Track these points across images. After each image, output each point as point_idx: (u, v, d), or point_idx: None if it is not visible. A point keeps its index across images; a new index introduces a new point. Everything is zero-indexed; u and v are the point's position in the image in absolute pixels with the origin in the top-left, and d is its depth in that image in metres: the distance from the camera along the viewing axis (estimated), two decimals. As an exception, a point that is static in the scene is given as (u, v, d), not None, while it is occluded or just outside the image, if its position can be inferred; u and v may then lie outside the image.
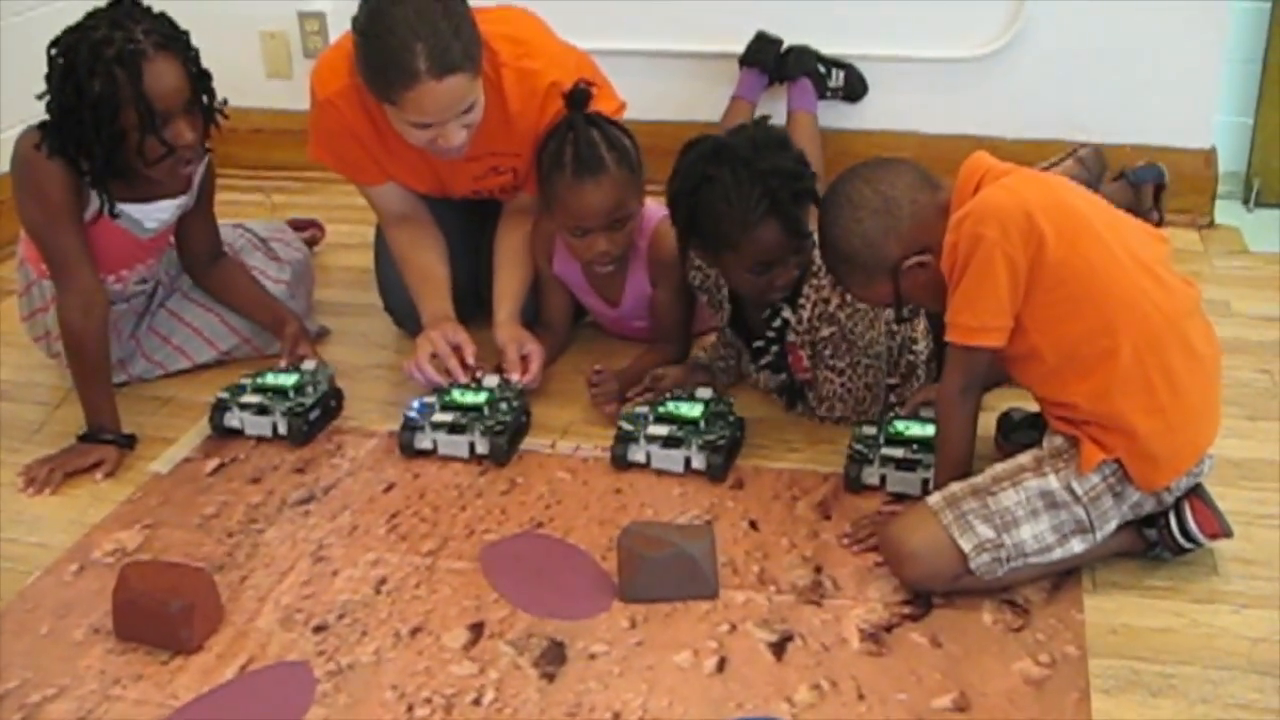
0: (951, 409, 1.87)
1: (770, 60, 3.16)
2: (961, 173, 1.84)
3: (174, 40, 2.17)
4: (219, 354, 2.55)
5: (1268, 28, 3.29)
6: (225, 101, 2.28)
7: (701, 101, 3.20)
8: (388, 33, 2.10)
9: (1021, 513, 1.78)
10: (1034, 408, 2.10)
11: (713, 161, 2.10)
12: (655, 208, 2.45)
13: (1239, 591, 1.83)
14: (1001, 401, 2.15)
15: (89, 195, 2.25)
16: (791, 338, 2.24)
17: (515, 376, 2.31)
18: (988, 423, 2.08)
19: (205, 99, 2.23)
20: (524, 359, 2.34)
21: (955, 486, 1.82)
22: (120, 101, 2.12)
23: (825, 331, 2.19)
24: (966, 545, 1.77)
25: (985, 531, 1.77)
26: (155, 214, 2.35)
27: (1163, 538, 1.85)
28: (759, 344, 2.30)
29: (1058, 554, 1.80)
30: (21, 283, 2.49)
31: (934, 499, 1.82)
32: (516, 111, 2.32)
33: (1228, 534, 1.85)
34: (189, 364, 2.54)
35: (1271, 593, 1.83)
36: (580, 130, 2.29)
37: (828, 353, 2.21)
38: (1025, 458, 1.82)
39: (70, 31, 2.15)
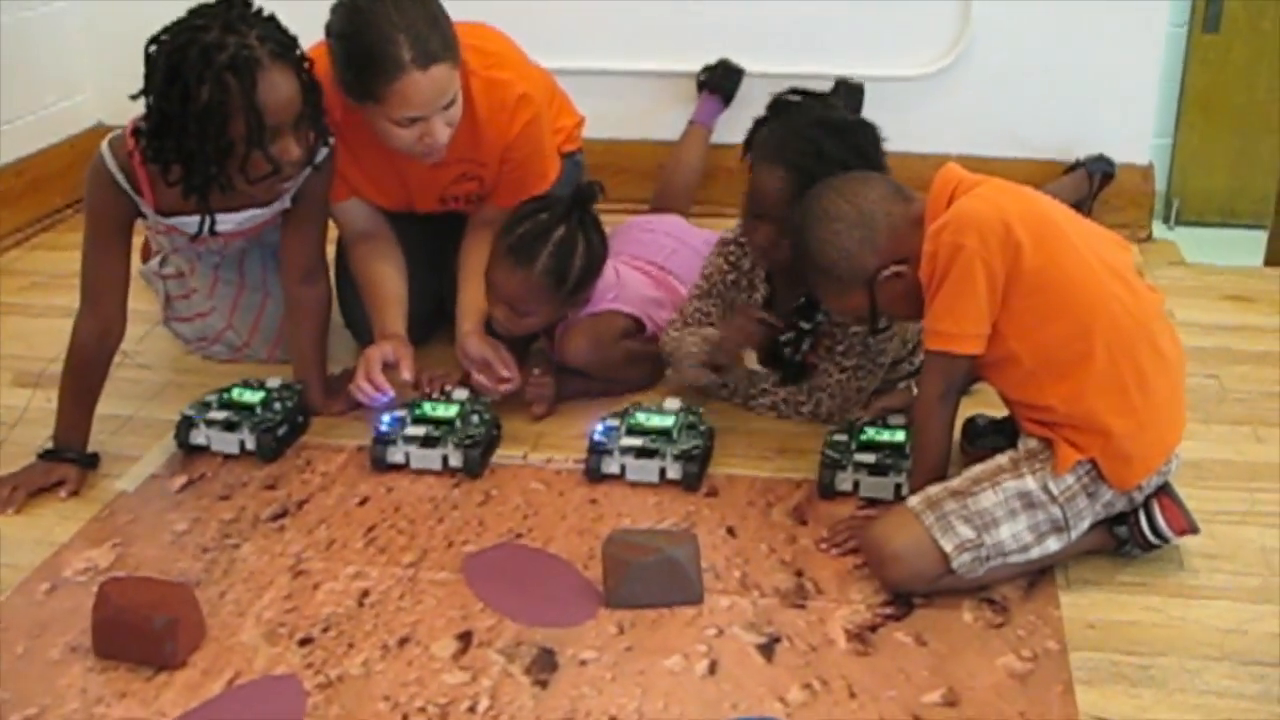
0: (930, 415, 1.91)
1: (731, 89, 3.21)
2: (935, 184, 1.89)
3: (289, 49, 2.06)
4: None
5: (1184, 51, 3.42)
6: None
7: (657, 120, 3.25)
8: (368, 28, 2.10)
9: (1000, 513, 1.82)
10: (998, 414, 2.15)
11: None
12: (608, 277, 2.43)
13: (1206, 585, 1.90)
14: (965, 408, 2.20)
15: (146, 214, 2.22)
16: (821, 329, 2.28)
17: (505, 372, 2.32)
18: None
19: (315, 113, 2.14)
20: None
21: (934, 489, 1.86)
22: (230, 111, 2.00)
23: (855, 327, 2.24)
24: (948, 545, 1.81)
25: (966, 532, 1.81)
26: (232, 220, 2.29)
27: (1133, 535, 1.90)
28: (788, 336, 2.32)
29: (1035, 553, 1.85)
30: (161, 293, 2.51)
31: (914, 501, 1.86)
32: (485, 119, 2.33)
33: (1195, 530, 1.91)
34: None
35: (1236, 585, 1.89)
36: (550, 219, 2.30)
37: (841, 348, 2.26)
38: (1002, 459, 1.87)
39: (176, 31, 2.03)
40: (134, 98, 2.08)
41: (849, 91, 3.15)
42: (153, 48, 2.04)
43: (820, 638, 1.80)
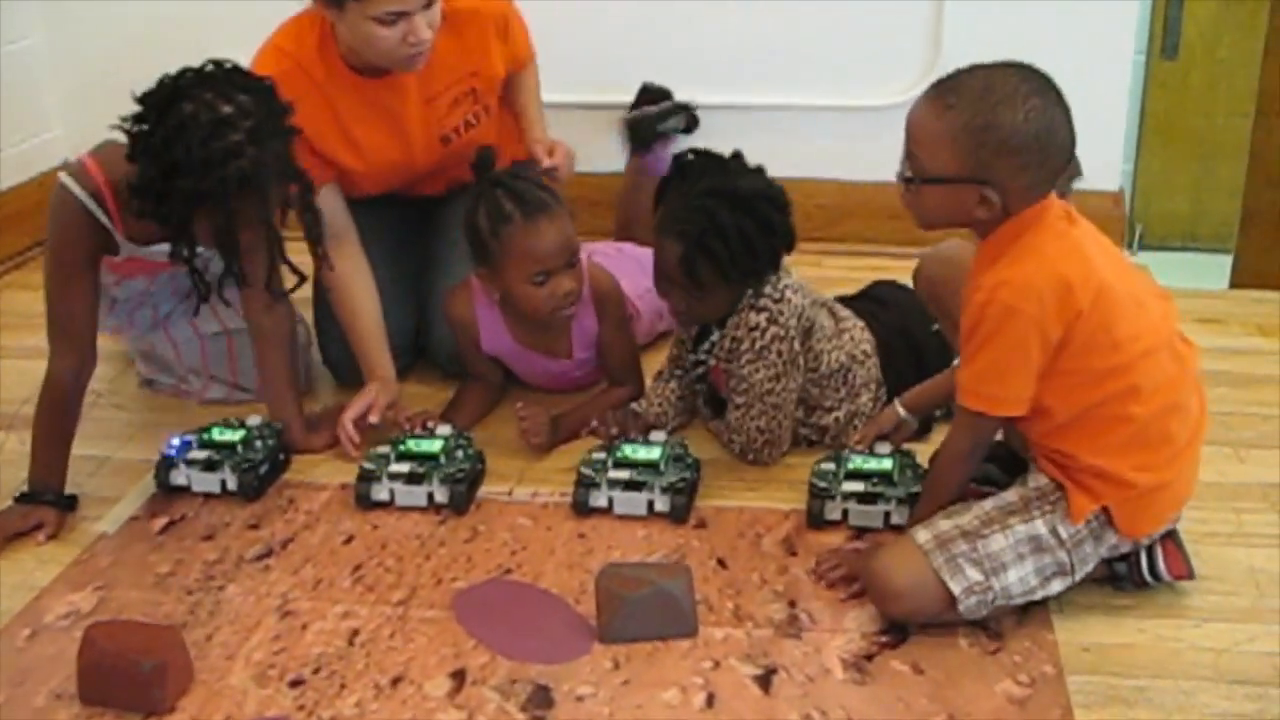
0: (954, 469, 1.87)
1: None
2: (1031, 212, 1.75)
3: (290, 169, 2.07)
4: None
5: (1144, 78, 3.46)
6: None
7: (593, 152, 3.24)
8: None
9: (1009, 557, 1.81)
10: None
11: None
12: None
13: (1197, 607, 1.91)
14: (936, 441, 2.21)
15: (118, 243, 2.19)
16: (712, 361, 2.28)
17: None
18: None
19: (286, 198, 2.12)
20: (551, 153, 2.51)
21: (944, 525, 1.83)
22: (218, 210, 1.99)
23: (731, 367, 2.24)
24: (956, 588, 1.79)
25: (974, 575, 1.80)
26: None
27: (1131, 574, 1.91)
28: (693, 358, 2.34)
29: (1038, 594, 1.84)
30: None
31: (924, 538, 1.83)
32: (473, 40, 2.41)
33: (1191, 576, 1.91)
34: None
35: (1227, 606, 1.91)
36: (508, 181, 2.30)
37: (732, 383, 2.26)
38: (1011, 495, 1.86)
39: (190, 84, 1.98)
40: (113, 126, 2.04)
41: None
42: (151, 100, 1.99)
43: (817, 668, 1.80)
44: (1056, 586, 1.85)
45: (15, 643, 1.90)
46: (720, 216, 2.13)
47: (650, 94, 3.19)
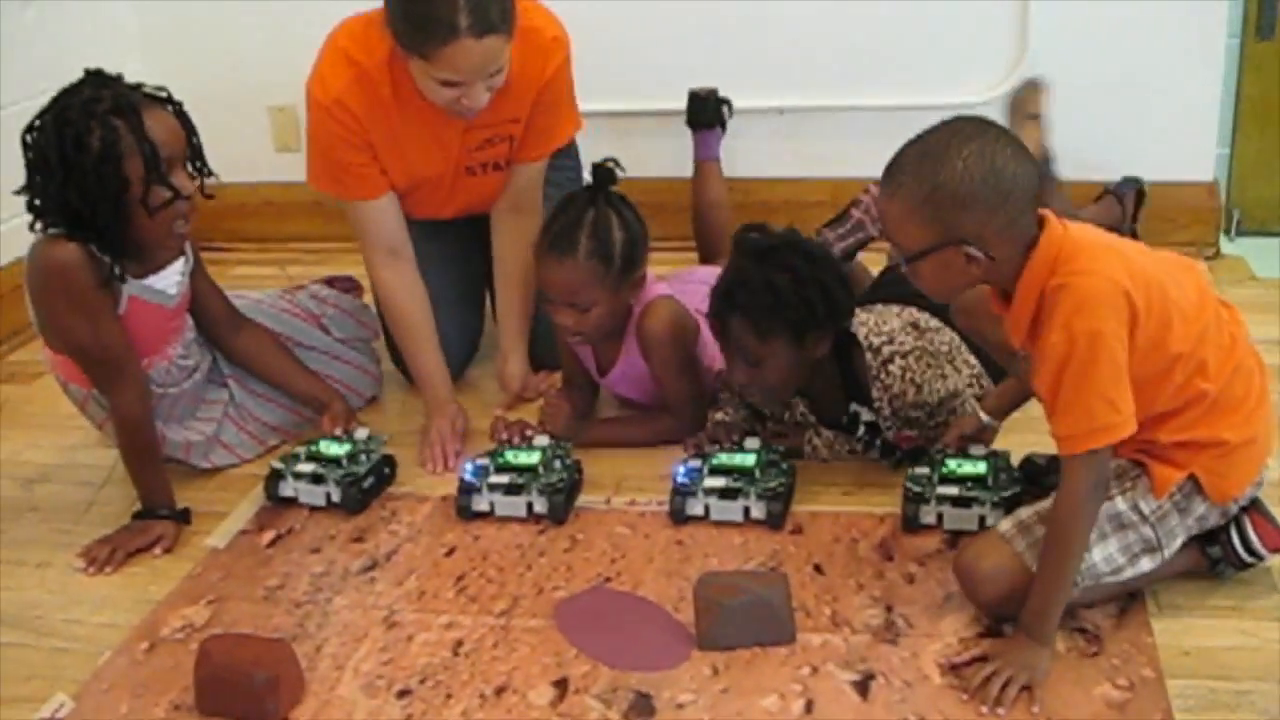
0: (1082, 516, 1.76)
1: (716, 115, 3.12)
2: (1042, 248, 1.74)
3: (157, 96, 2.18)
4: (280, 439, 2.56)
5: (1238, 61, 3.40)
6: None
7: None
8: None
9: (1092, 536, 1.81)
10: (1051, 448, 2.15)
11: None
12: (659, 286, 2.45)
13: (1301, 609, 1.89)
14: (1007, 441, 2.22)
15: (117, 288, 2.21)
16: (889, 433, 2.29)
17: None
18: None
19: (195, 151, 2.22)
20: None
21: (1025, 513, 1.86)
22: (124, 150, 2.09)
23: (914, 414, 2.26)
24: None
25: None
26: (172, 278, 2.32)
27: (1226, 553, 1.90)
28: (859, 441, 2.34)
29: (1128, 573, 1.84)
30: (78, 399, 2.40)
31: (1005, 527, 1.85)
32: (518, 69, 2.35)
33: None
34: (262, 450, 2.53)
35: (1333, 609, 1.88)
36: (578, 207, 2.32)
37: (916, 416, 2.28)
38: None
39: (48, 107, 2.12)
40: (17, 193, 2.15)
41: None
42: (29, 135, 2.12)
43: (915, 673, 1.81)
44: (1146, 564, 1.84)
45: (135, 655, 1.97)
46: (746, 270, 2.19)
47: (700, 96, 3.14)
